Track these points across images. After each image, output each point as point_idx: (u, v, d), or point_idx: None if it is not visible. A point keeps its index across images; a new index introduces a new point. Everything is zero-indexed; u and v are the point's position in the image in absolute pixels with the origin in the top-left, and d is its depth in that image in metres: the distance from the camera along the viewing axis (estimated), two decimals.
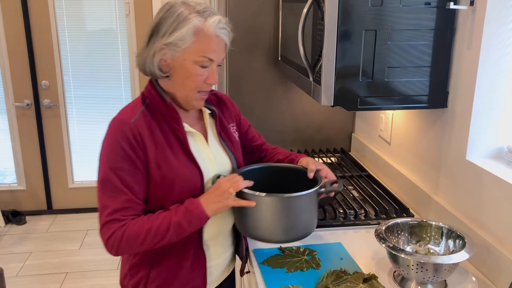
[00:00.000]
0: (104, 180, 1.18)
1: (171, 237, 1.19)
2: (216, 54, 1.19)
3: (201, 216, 1.19)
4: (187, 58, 1.18)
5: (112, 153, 1.18)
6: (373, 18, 1.37)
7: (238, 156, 1.39)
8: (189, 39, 1.16)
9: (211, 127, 1.35)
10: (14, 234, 3.54)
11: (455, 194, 1.46)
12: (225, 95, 1.46)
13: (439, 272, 1.15)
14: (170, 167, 1.20)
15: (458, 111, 1.42)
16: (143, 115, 1.22)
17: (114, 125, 1.20)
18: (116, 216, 1.17)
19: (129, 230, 1.17)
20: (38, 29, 3.46)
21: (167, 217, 1.18)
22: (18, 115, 3.62)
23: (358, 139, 2.25)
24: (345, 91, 1.42)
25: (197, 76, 1.20)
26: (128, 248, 1.18)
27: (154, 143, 1.20)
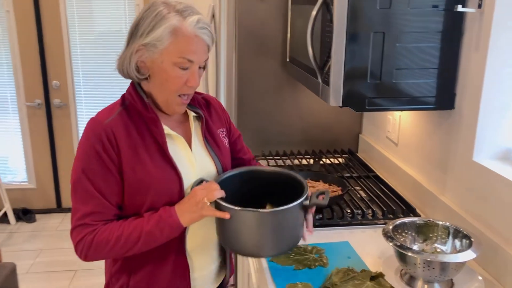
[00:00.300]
0: (76, 182, 1.14)
1: (142, 246, 1.14)
2: (196, 56, 1.13)
3: (175, 225, 1.14)
4: (165, 59, 1.12)
5: (85, 154, 1.13)
6: (381, 21, 1.39)
7: (224, 161, 1.32)
8: (166, 40, 1.10)
9: (196, 130, 1.29)
10: (25, 231, 3.59)
11: (462, 195, 1.48)
12: (215, 99, 1.40)
13: (446, 271, 1.16)
14: (145, 171, 1.15)
15: (465, 112, 1.44)
16: (120, 116, 1.17)
17: (89, 126, 1.16)
18: (86, 220, 1.12)
19: (99, 236, 1.12)
20: (49, 30, 3.51)
21: (139, 225, 1.13)
22: (29, 114, 3.67)
23: (365, 140, 2.26)
24: (354, 92, 1.44)
25: (177, 78, 1.14)
26: (97, 254, 1.14)
27: (130, 145, 1.15)
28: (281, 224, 1.14)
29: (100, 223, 1.14)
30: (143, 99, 1.19)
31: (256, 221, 1.13)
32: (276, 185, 1.30)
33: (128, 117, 1.18)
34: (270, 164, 2.12)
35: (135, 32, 1.14)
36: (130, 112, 1.19)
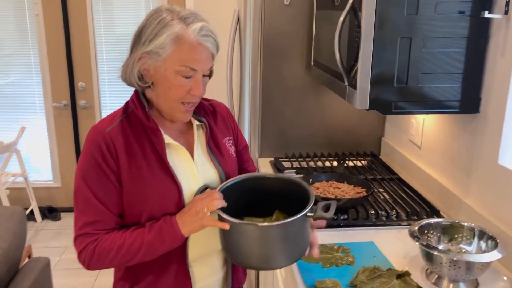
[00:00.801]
0: (77, 191, 1.14)
1: (144, 256, 1.14)
2: (199, 64, 1.10)
3: (176, 236, 1.13)
4: (168, 67, 1.10)
5: (85, 162, 1.13)
6: (408, 26, 1.43)
7: (229, 171, 1.28)
8: (169, 47, 1.08)
9: (200, 139, 1.26)
10: (50, 229, 3.69)
11: (487, 198, 1.50)
12: (224, 106, 1.37)
13: (471, 271, 1.19)
14: (143, 182, 1.14)
15: (491, 116, 1.47)
16: (121, 124, 1.16)
17: (90, 134, 1.15)
18: (88, 230, 1.13)
19: (101, 245, 1.12)
20: (76, 34, 3.61)
21: (140, 235, 1.13)
22: (56, 115, 3.78)
23: (388, 143, 2.29)
24: (380, 95, 1.48)
25: (180, 87, 1.11)
26: (100, 263, 1.14)
27: (129, 155, 1.14)
28: (284, 237, 1.10)
29: (102, 232, 1.14)
30: (144, 108, 1.17)
31: (256, 234, 1.09)
32: (282, 192, 1.26)
33: (129, 125, 1.17)
34: (294, 165, 2.16)
35: (138, 39, 1.12)
36: (131, 120, 1.18)
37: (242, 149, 1.40)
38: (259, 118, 2.28)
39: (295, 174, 1.32)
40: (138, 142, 1.16)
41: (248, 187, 1.25)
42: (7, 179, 3.56)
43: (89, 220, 1.13)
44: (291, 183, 1.25)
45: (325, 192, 1.75)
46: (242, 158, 1.39)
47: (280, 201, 1.25)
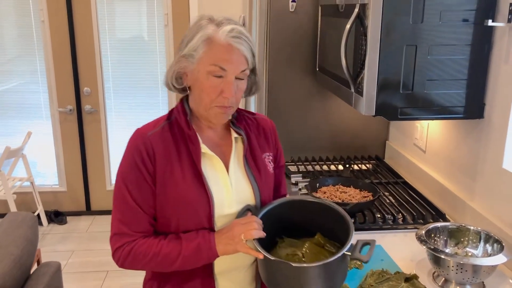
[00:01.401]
0: (116, 190, 1.18)
1: (178, 268, 1.17)
2: (229, 64, 1.11)
3: (212, 255, 1.15)
4: (201, 69, 1.13)
5: (125, 164, 1.18)
6: (414, 34, 1.46)
7: (264, 187, 1.26)
8: (201, 49, 1.12)
9: (237, 152, 1.26)
10: (56, 233, 3.72)
11: (491, 201, 1.53)
12: (269, 122, 1.36)
13: (478, 274, 1.22)
14: (175, 187, 1.16)
15: (495, 121, 1.50)
16: (163, 130, 1.20)
17: (132, 137, 1.20)
18: (124, 229, 1.17)
19: (137, 249, 1.16)
20: (81, 40, 3.64)
21: (177, 247, 1.15)
22: (61, 120, 3.81)
23: (392, 147, 2.32)
24: (386, 102, 1.51)
25: (211, 88, 1.13)
26: (134, 265, 1.18)
27: (166, 159, 1.17)
28: (319, 276, 1.07)
29: (139, 234, 1.17)
30: (187, 116, 1.21)
31: (289, 273, 1.07)
32: (321, 216, 1.24)
33: (170, 131, 1.20)
34: (300, 169, 2.19)
35: (180, 45, 1.17)
36: (173, 126, 1.21)
37: (278, 169, 1.38)
38: None
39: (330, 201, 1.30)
40: (176, 148, 1.18)
41: (287, 209, 1.25)
42: (14, 184, 3.60)
43: (123, 219, 1.17)
44: (330, 210, 1.22)
45: (332, 197, 1.78)
46: (276, 178, 1.36)
47: (319, 224, 1.24)
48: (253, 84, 1.26)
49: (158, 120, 1.24)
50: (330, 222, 1.21)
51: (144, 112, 3.87)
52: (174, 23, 3.66)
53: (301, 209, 1.26)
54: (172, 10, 3.63)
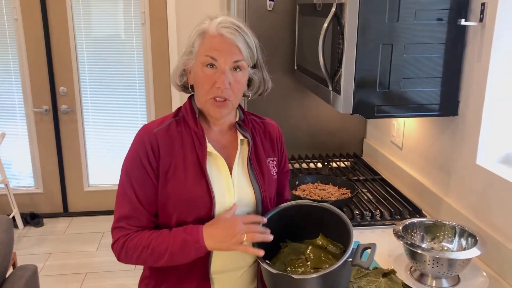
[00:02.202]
0: (120, 184, 1.20)
1: (167, 262, 1.16)
2: (219, 53, 1.13)
3: (199, 249, 1.13)
4: (197, 62, 1.16)
5: (130, 160, 1.19)
6: (389, 33, 1.49)
7: (266, 192, 1.26)
8: (196, 43, 1.16)
9: (242, 154, 1.26)
10: (33, 236, 3.65)
11: (466, 196, 1.57)
12: (276, 127, 1.37)
13: (453, 267, 1.25)
14: (177, 184, 1.16)
15: (469, 118, 1.53)
16: (169, 126, 1.21)
17: (139, 132, 1.21)
18: (122, 224, 1.18)
19: (129, 242, 1.17)
20: (57, 38, 3.58)
21: (165, 241, 1.15)
22: (37, 120, 3.74)
23: (370, 145, 2.35)
24: (363, 100, 1.53)
25: (205, 78, 1.14)
26: (128, 259, 1.19)
27: (170, 156, 1.18)
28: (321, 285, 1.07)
29: (134, 228, 1.18)
30: (195, 114, 1.22)
31: (292, 285, 1.06)
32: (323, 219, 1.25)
33: (176, 128, 1.21)
34: None
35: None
36: (180, 124, 1.22)
37: (283, 174, 1.38)
38: None
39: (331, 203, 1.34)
40: (182, 145, 1.19)
41: (290, 213, 1.25)
42: None
43: (124, 214, 1.18)
44: (331, 214, 1.22)
45: (311, 194, 1.79)
46: (280, 183, 1.36)
47: (322, 226, 1.25)
48: (260, 82, 1.27)
49: (166, 116, 1.25)
50: (331, 224, 1.22)
51: (121, 111, 3.83)
52: (151, 21, 3.62)
53: (303, 213, 1.26)
54: (149, 8, 3.59)
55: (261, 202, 1.25)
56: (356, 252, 1.11)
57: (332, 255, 1.20)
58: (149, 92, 3.78)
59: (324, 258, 1.19)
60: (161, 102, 3.77)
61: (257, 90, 1.29)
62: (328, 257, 1.19)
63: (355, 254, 1.10)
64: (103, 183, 3.96)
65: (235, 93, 1.17)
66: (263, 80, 1.28)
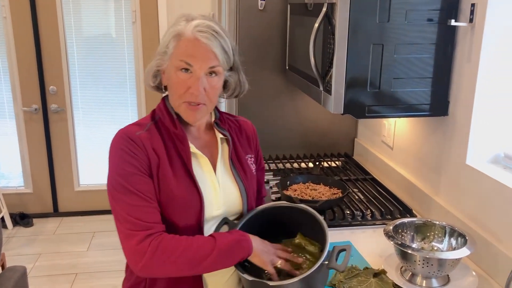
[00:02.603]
0: (115, 193, 1.10)
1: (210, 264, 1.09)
2: (195, 59, 1.10)
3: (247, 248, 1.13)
4: (171, 64, 1.13)
5: (117, 160, 1.12)
6: (380, 34, 1.49)
7: (249, 188, 1.28)
8: (171, 45, 1.12)
9: (223, 153, 1.27)
10: (22, 236, 3.61)
11: (456, 196, 1.58)
12: (250, 124, 1.38)
13: (443, 267, 1.26)
14: (168, 184, 1.13)
15: (459, 119, 1.54)
16: (149, 131, 1.17)
17: (117, 136, 1.14)
18: (139, 223, 1.07)
19: (166, 243, 1.07)
20: (46, 36, 3.55)
21: (210, 241, 1.10)
22: (26, 119, 3.70)
23: (361, 144, 2.36)
24: (354, 100, 1.53)
25: (179, 83, 1.12)
26: (160, 263, 1.06)
27: (156, 159, 1.14)
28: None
29: (157, 225, 1.09)
30: (172, 116, 1.19)
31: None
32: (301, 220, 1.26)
33: (157, 132, 1.18)
34: (271, 167, 2.20)
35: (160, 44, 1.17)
36: (159, 127, 1.19)
37: (260, 171, 1.39)
38: None
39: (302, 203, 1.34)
40: (166, 148, 1.16)
41: (267, 214, 1.26)
42: None
43: (136, 215, 1.08)
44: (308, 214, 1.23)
45: (302, 194, 1.79)
46: (258, 180, 1.37)
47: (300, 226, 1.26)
48: (236, 84, 1.26)
49: (140, 122, 1.20)
50: (309, 225, 1.23)
51: (112, 110, 3.80)
52: (142, 20, 3.61)
53: (281, 214, 1.27)
54: (140, 7, 3.57)
55: (246, 199, 1.26)
56: (331, 254, 1.11)
57: (311, 254, 1.20)
58: (140, 91, 3.76)
59: (302, 258, 1.19)
60: (152, 101, 3.75)
61: (233, 92, 1.28)
62: (306, 257, 1.19)
63: (331, 256, 1.10)
64: (94, 183, 3.93)
65: (210, 98, 1.16)
66: (239, 82, 1.27)
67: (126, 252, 1.08)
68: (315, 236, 1.22)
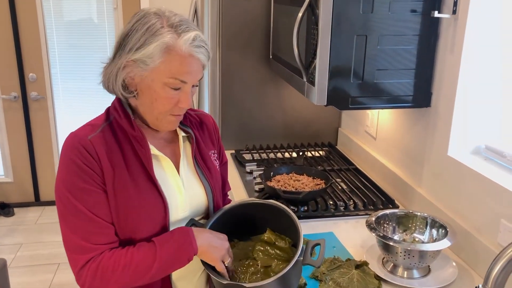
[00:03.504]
0: (62, 206, 1.03)
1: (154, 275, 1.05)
2: (189, 76, 1.03)
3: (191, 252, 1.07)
4: (156, 78, 1.02)
5: (66, 172, 1.03)
6: (364, 24, 1.48)
7: (215, 186, 1.22)
8: (157, 58, 1.00)
9: (185, 151, 1.20)
10: (3, 226, 3.56)
11: (437, 187, 1.59)
12: (211, 118, 1.32)
13: (424, 258, 1.27)
14: (127, 194, 1.05)
15: (441, 110, 1.55)
16: (103, 132, 1.08)
17: (68, 142, 1.05)
18: (84, 244, 1.02)
19: (105, 263, 1.02)
20: (25, 22, 3.46)
21: (150, 252, 1.04)
22: (5, 107, 3.62)
23: (344, 134, 2.36)
24: (338, 91, 1.53)
25: (167, 99, 1.04)
26: (103, 284, 1.03)
27: (112, 165, 1.05)
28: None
29: (102, 247, 1.03)
30: (129, 116, 1.10)
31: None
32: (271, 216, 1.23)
33: (112, 134, 1.09)
34: (254, 157, 2.19)
35: (123, 46, 1.03)
36: (114, 128, 1.10)
37: (222, 166, 1.33)
38: (219, 111, 2.28)
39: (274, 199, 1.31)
40: (122, 152, 1.07)
41: (235, 212, 1.22)
42: None
43: (81, 234, 1.02)
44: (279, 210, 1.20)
45: (286, 185, 1.79)
46: (221, 175, 1.31)
47: (269, 222, 1.23)
48: None
49: (94, 122, 1.11)
50: (277, 220, 1.21)
51: (94, 98, 3.74)
52: (124, 6, 3.53)
53: (250, 211, 1.24)
54: None
55: (212, 199, 1.20)
56: (306, 250, 1.09)
57: (281, 250, 1.18)
58: None
59: (273, 255, 1.17)
60: None
61: None
62: (277, 253, 1.17)
63: (305, 252, 1.09)
64: None
65: (190, 105, 1.10)
66: None
67: (73, 272, 1.05)
68: (285, 230, 1.20)
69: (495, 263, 0.89)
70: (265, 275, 1.12)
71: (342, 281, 1.28)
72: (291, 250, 1.19)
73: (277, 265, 1.14)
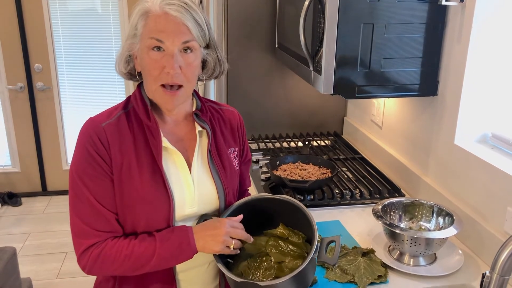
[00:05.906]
0: (72, 187, 1.06)
1: (152, 268, 1.07)
2: (165, 34, 1.02)
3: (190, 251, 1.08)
4: (142, 45, 1.05)
5: (79, 157, 1.06)
6: (370, 13, 1.47)
7: (229, 185, 1.19)
8: (139, 24, 1.04)
9: (201, 147, 1.17)
10: (11, 215, 3.60)
11: (443, 175, 1.59)
12: (236, 114, 1.28)
13: (430, 246, 1.28)
14: (131, 184, 1.06)
15: (448, 99, 1.54)
16: (118, 120, 1.09)
17: (84, 126, 1.08)
18: (87, 230, 1.05)
19: (107, 251, 1.04)
20: (30, 12, 3.46)
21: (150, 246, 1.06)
22: (12, 98, 3.64)
23: (350, 123, 2.36)
24: (344, 80, 1.53)
25: (152, 63, 1.04)
26: (102, 270, 1.06)
27: (122, 153, 1.06)
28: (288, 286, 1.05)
29: (107, 234, 1.06)
30: (146, 106, 1.11)
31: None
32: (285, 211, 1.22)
33: (127, 122, 1.10)
34: (260, 147, 2.20)
35: None
36: (130, 116, 1.11)
37: (245, 164, 1.31)
38: (225, 100, 2.29)
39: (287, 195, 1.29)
40: (134, 141, 1.08)
41: (248, 207, 1.21)
42: None
43: (85, 219, 1.05)
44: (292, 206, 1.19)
45: (292, 174, 1.80)
46: (242, 173, 1.29)
47: (283, 216, 1.22)
48: (215, 63, 1.16)
49: (113, 109, 1.13)
50: (291, 215, 1.20)
51: (99, 88, 3.76)
52: None
53: (262, 206, 1.23)
54: None
55: (223, 198, 1.18)
56: (320, 247, 1.09)
57: (294, 245, 1.17)
58: None
59: (287, 251, 1.16)
60: None
61: (213, 72, 1.18)
62: (290, 248, 1.16)
63: (320, 249, 1.08)
64: None
65: (188, 78, 1.07)
66: (218, 61, 1.17)
67: (76, 254, 1.09)
68: (297, 225, 1.20)
69: (502, 250, 0.89)
70: (278, 271, 1.12)
71: (349, 268, 1.29)
72: (305, 245, 1.18)
73: (291, 261, 1.13)
